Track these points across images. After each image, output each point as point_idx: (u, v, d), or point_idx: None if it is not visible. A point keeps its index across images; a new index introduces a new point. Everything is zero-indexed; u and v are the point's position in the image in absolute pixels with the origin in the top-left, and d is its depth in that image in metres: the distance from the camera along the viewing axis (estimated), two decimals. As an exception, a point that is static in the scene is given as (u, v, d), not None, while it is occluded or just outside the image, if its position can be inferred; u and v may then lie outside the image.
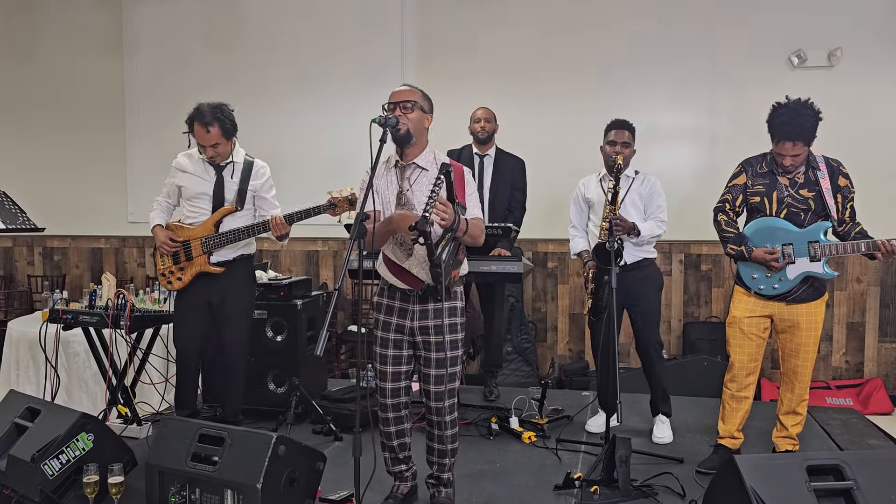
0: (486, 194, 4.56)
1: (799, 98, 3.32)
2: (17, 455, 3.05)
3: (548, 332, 6.14)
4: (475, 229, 2.91)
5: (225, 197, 3.82)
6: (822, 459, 2.58)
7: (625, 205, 3.95)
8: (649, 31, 5.77)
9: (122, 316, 3.95)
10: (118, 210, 6.78)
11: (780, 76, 5.60)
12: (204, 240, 3.78)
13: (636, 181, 4.02)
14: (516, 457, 3.78)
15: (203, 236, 3.79)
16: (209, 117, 3.66)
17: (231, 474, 2.84)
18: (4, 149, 7.02)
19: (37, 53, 6.96)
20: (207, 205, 3.83)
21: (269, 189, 3.92)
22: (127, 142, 6.72)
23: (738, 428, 3.63)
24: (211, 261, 3.81)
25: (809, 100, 3.31)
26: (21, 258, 7.14)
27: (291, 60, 6.41)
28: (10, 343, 5.21)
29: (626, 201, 3.97)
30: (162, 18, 6.66)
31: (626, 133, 3.95)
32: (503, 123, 4.78)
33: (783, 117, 3.27)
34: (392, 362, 3.03)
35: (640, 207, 4.01)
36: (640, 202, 4.02)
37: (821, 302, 3.43)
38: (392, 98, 2.96)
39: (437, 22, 6.15)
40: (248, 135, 6.33)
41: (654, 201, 4.01)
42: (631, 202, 3.99)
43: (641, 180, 4.02)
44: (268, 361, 4.36)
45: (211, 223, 3.80)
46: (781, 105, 3.32)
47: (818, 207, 3.35)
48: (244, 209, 3.84)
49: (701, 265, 5.85)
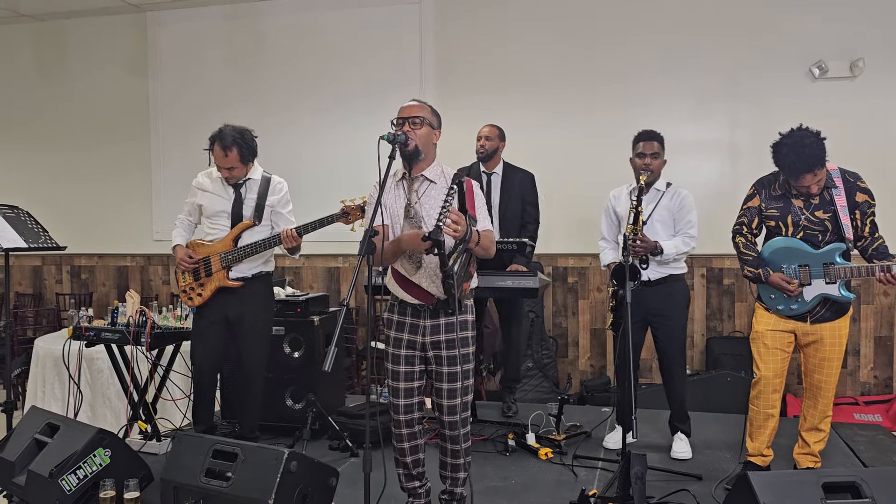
0: (496, 211, 4.53)
1: (791, 129, 3.24)
2: (36, 470, 3.10)
3: (569, 347, 6.10)
4: (486, 240, 2.93)
5: (243, 213, 3.88)
6: (839, 476, 2.52)
7: (652, 220, 3.86)
8: (669, 45, 5.75)
9: (142, 333, 4.02)
10: (143, 228, 6.89)
11: (802, 88, 5.55)
12: (223, 255, 3.84)
13: (666, 195, 3.93)
14: (532, 473, 3.75)
15: (222, 251, 3.85)
16: (229, 141, 3.73)
17: (244, 490, 2.87)
18: (33, 166, 7.18)
19: (65, 73, 7.13)
20: (226, 222, 3.89)
21: (286, 205, 3.97)
22: (152, 160, 6.84)
23: (766, 445, 3.54)
24: (230, 276, 3.86)
25: (802, 125, 3.23)
26: (50, 276, 7.28)
27: (310, 77, 6.50)
28: (36, 360, 5.30)
29: (654, 216, 3.88)
30: (184, 38, 6.80)
31: (654, 144, 3.89)
32: (521, 138, 4.79)
33: (789, 156, 3.18)
34: (404, 378, 3.04)
35: (669, 223, 3.92)
36: (669, 217, 3.92)
37: (844, 319, 3.37)
38: (401, 113, 2.98)
39: (455, 39, 6.20)
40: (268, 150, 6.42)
41: (683, 216, 3.91)
42: (658, 218, 3.90)
43: (672, 195, 3.94)
44: (285, 378, 4.38)
45: (230, 239, 3.86)
46: (779, 143, 3.23)
47: (835, 227, 3.30)
48: (262, 224, 3.89)
49: (723, 279, 5.79)
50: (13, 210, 4.21)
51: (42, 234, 4.19)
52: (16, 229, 4.03)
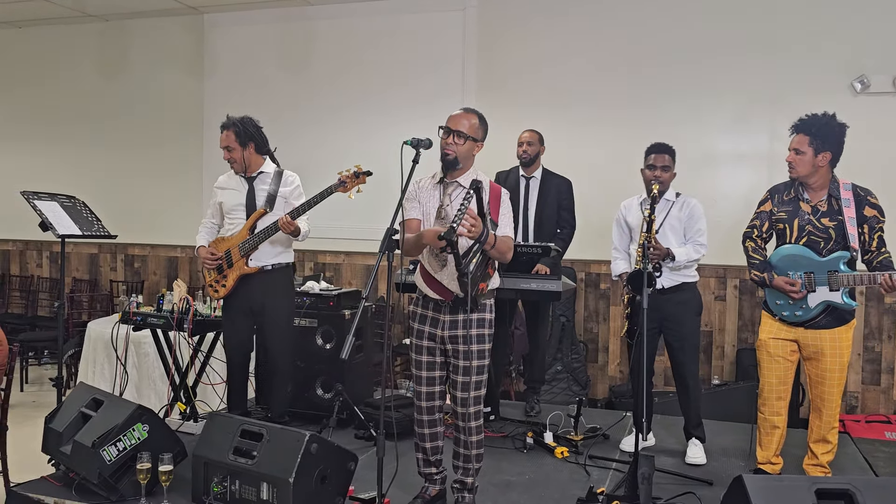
0: (532, 215, 4.68)
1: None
2: (81, 441, 3.34)
3: (598, 352, 6.18)
4: (502, 245, 3.08)
5: (256, 205, 4.12)
6: (832, 483, 2.58)
7: (663, 229, 3.98)
8: (708, 61, 5.80)
9: (185, 320, 4.27)
10: (193, 222, 7.13)
11: (843, 103, 5.49)
12: (241, 245, 4.06)
13: (676, 205, 4.05)
14: (546, 470, 3.87)
15: (239, 242, 4.08)
16: (228, 122, 4.10)
17: (267, 468, 3.06)
18: (94, 161, 7.58)
19: (125, 72, 7.50)
20: (243, 215, 4.13)
21: (299, 197, 4.17)
22: (204, 157, 7.14)
23: (775, 453, 3.62)
24: (248, 263, 4.08)
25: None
26: (105, 264, 7.65)
27: (357, 84, 6.72)
28: (88, 342, 5.62)
29: (665, 225, 4.00)
30: (240, 41, 7.09)
31: (665, 157, 3.99)
32: (559, 146, 4.90)
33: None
34: (426, 367, 3.24)
35: (679, 231, 4.04)
36: (680, 226, 4.04)
37: (846, 328, 3.42)
38: (448, 122, 3.16)
39: (497, 53, 6.35)
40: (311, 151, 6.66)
41: (693, 225, 4.02)
42: (669, 226, 4.02)
43: (681, 204, 4.05)
44: (316, 368, 4.59)
45: (246, 229, 4.09)
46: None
47: (838, 237, 3.37)
48: (274, 212, 4.08)
49: (756, 291, 5.79)
50: (70, 200, 4.50)
51: (95, 223, 4.47)
52: (72, 217, 4.32)
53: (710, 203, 5.01)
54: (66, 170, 7.56)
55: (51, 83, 7.76)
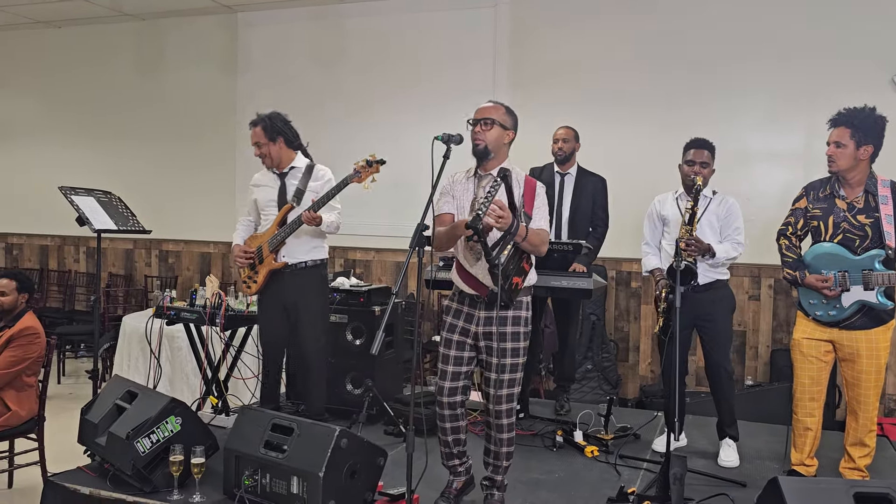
0: (566, 212, 4.64)
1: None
2: (115, 432, 3.39)
3: (629, 352, 6.13)
4: (535, 238, 3.06)
5: (287, 199, 4.13)
6: (871, 487, 2.52)
7: (701, 225, 3.93)
8: (744, 61, 5.75)
9: (217, 315, 4.31)
10: (226, 218, 7.25)
11: (883, 99, 5.35)
12: (270, 240, 4.08)
13: (714, 202, 4.00)
14: (576, 469, 3.84)
15: (269, 238, 4.10)
16: (256, 119, 4.13)
17: (297, 462, 3.07)
18: (129, 158, 7.70)
19: (160, 70, 7.61)
20: (275, 210, 4.14)
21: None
22: (236, 154, 7.21)
23: (809, 455, 3.56)
24: (277, 258, 4.09)
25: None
26: (140, 259, 7.77)
27: (388, 80, 6.75)
28: (123, 336, 5.71)
29: (703, 222, 3.96)
30: (272, 39, 7.15)
31: (705, 153, 3.94)
32: (593, 143, 4.87)
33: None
34: (453, 363, 3.20)
35: (717, 228, 3.99)
36: (717, 223, 3.99)
37: (884, 329, 3.35)
38: (476, 114, 3.17)
39: (528, 50, 6.34)
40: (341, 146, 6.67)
41: (731, 223, 3.98)
42: (707, 223, 3.97)
43: (719, 201, 4.00)
44: (347, 364, 4.60)
45: (275, 224, 4.10)
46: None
47: (874, 235, 3.30)
48: (301, 206, 4.07)
49: (791, 290, 5.70)
50: (107, 195, 4.58)
51: (131, 218, 4.54)
52: (108, 213, 4.39)
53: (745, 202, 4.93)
54: (102, 166, 7.69)
55: (88, 81, 7.90)
